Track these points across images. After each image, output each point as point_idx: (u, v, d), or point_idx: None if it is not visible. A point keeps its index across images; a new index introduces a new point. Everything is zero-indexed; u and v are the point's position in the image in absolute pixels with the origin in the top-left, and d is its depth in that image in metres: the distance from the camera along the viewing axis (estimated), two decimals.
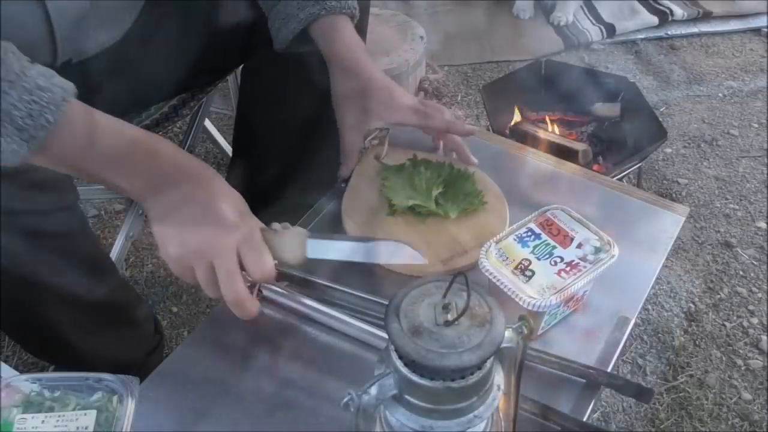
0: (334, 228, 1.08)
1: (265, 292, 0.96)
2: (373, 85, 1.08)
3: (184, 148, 1.68)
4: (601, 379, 0.89)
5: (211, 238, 0.82)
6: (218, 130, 1.95)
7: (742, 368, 1.65)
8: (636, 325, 1.61)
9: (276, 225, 0.89)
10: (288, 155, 1.41)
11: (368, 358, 0.91)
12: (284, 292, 0.97)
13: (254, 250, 0.82)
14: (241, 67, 1.45)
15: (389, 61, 2.13)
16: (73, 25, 1.07)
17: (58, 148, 0.77)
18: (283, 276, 0.95)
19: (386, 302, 0.90)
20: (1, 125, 0.73)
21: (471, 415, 0.65)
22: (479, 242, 1.03)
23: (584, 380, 0.90)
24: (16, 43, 1.02)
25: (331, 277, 0.97)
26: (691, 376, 1.63)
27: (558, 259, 0.92)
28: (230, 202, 0.85)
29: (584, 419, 0.87)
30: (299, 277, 0.97)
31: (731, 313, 1.78)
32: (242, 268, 0.83)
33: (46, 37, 1.06)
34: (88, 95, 1.20)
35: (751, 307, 1.79)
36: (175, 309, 1.72)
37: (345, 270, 1.00)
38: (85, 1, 1.07)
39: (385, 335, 0.88)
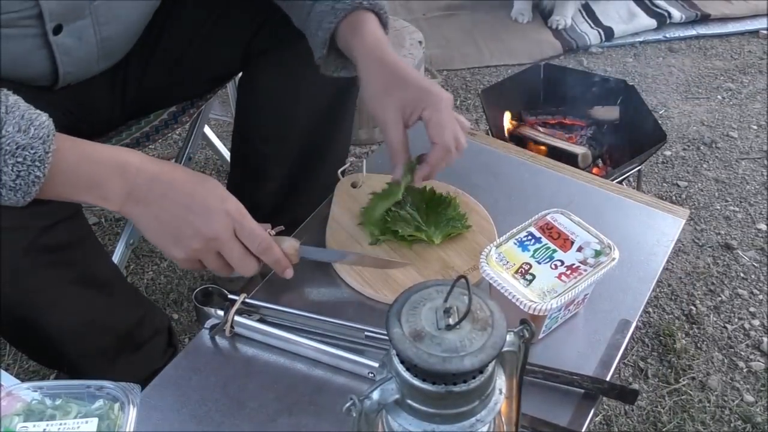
0: (318, 262, 1.06)
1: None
2: (410, 81, 1.01)
3: (183, 155, 1.68)
4: (585, 383, 0.89)
5: (207, 230, 0.87)
6: (217, 137, 1.95)
7: (744, 370, 1.65)
8: (637, 327, 1.61)
9: (270, 230, 0.94)
10: (286, 165, 1.41)
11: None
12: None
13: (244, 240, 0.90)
14: (239, 75, 1.45)
15: None
16: (76, 62, 1.07)
17: (46, 189, 0.82)
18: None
19: (361, 327, 0.92)
20: None
21: (473, 419, 0.64)
22: (472, 265, 1.03)
23: (568, 387, 0.90)
24: (17, 75, 1.02)
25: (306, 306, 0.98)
26: (692, 378, 1.63)
27: (558, 263, 0.92)
28: (208, 189, 0.89)
29: (584, 428, 0.87)
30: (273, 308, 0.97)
31: (732, 315, 1.78)
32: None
33: (49, 72, 1.07)
34: (86, 107, 1.21)
35: (752, 309, 1.79)
36: (176, 316, 1.72)
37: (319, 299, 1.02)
38: (91, 44, 1.07)
39: (362, 360, 0.90)
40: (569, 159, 1.78)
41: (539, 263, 0.92)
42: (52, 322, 1.04)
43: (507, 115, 1.96)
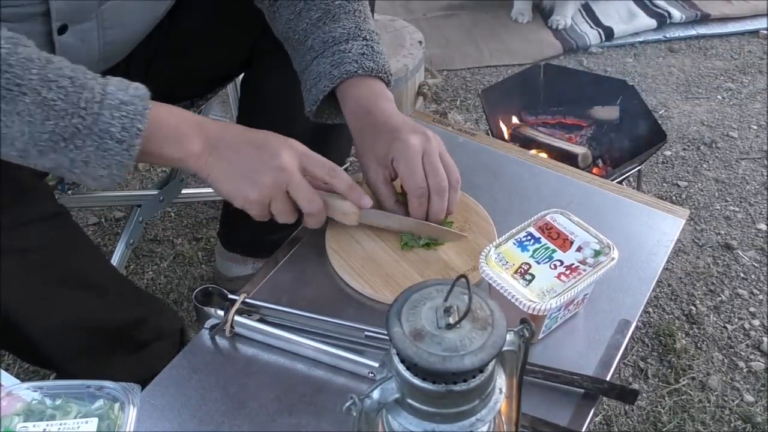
0: (318, 262, 1.06)
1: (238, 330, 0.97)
2: (382, 134, 1.03)
3: None
4: (585, 383, 0.89)
5: (276, 162, 0.93)
6: None
7: (744, 370, 1.65)
8: (637, 328, 1.61)
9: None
10: None
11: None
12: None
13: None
14: (241, 76, 1.45)
15: None
16: (76, 63, 1.07)
17: (144, 146, 0.88)
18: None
19: (361, 327, 0.92)
20: (104, 142, 0.85)
21: (473, 419, 0.64)
22: (472, 265, 1.03)
23: (568, 387, 0.90)
24: None
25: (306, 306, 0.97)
26: (692, 378, 1.63)
27: (558, 263, 0.92)
28: (269, 133, 0.97)
29: (584, 427, 0.87)
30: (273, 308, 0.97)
31: (732, 315, 1.78)
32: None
33: None
34: None
35: (752, 309, 1.79)
36: None
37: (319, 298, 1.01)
38: (94, 48, 1.07)
39: (362, 360, 0.90)
40: (569, 159, 1.78)
41: (538, 263, 0.92)
42: (29, 323, 1.03)
43: (507, 115, 1.96)
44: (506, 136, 1.92)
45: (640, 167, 1.82)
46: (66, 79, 0.84)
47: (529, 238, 0.95)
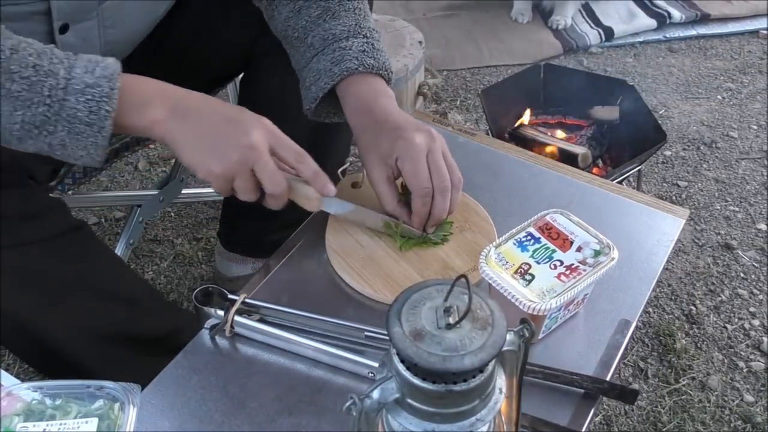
0: (318, 262, 1.06)
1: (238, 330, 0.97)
2: (386, 133, 1.02)
3: None
4: (585, 383, 0.89)
5: (246, 139, 0.91)
6: None
7: (744, 370, 1.65)
8: (637, 328, 1.61)
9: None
10: None
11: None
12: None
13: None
14: (240, 76, 1.45)
15: None
16: None
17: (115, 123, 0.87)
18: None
19: (361, 327, 0.92)
20: (74, 126, 0.85)
21: (473, 419, 0.64)
22: (472, 265, 1.03)
23: (568, 387, 0.90)
24: None
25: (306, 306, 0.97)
26: (692, 378, 1.63)
27: (558, 263, 0.92)
28: (241, 109, 0.95)
29: (584, 427, 0.87)
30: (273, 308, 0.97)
31: (732, 315, 1.78)
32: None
33: None
34: None
35: (752, 309, 1.79)
36: None
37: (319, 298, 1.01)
38: (95, 47, 1.07)
39: (362, 360, 0.90)
40: (569, 159, 1.78)
41: (538, 263, 0.92)
42: (54, 336, 1.03)
43: (507, 115, 1.96)
44: (506, 135, 1.91)
45: (640, 167, 1.82)
46: (29, 68, 0.83)
47: (529, 238, 0.95)
